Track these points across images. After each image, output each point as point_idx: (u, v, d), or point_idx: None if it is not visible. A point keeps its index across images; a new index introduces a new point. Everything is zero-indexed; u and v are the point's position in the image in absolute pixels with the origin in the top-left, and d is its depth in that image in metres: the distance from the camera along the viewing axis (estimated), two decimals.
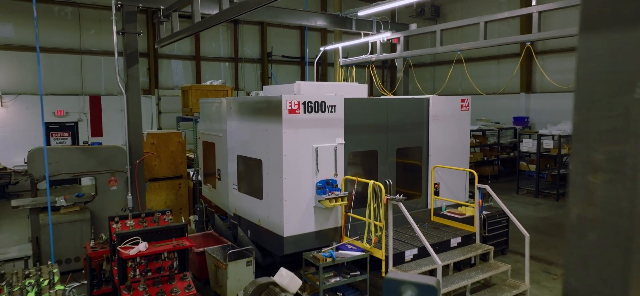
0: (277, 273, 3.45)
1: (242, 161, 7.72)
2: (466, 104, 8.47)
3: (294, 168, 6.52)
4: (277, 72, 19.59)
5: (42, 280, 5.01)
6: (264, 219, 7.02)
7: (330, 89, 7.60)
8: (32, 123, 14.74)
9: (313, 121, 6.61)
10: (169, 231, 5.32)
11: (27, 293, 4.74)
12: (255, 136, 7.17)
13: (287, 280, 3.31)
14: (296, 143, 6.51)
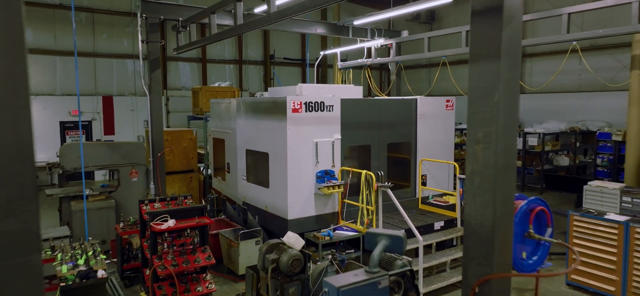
0: (285, 236, 4.48)
1: (251, 154, 8.76)
2: (451, 104, 9.51)
3: (297, 160, 7.56)
4: (279, 74, 20.63)
5: (88, 251, 6.06)
6: (270, 205, 8.05)
7: (329, 90, 8.64)
8: (49, 122, 15.79)
9: (313, 119, 7.65)
10: (192, 211, 6.36)
11: (78, 259, 5.78)
12: (263, 132, 8.21)
13: (293, 239, 4.32)
14: (299, 138, 7.55)
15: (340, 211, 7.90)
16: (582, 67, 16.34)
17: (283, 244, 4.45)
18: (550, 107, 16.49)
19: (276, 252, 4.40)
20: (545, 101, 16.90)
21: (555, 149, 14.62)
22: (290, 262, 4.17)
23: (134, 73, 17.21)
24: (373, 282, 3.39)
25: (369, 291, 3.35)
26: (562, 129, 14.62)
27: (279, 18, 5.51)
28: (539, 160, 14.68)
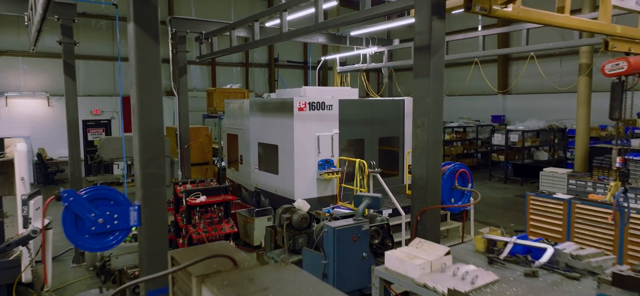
0: (296, 202, 6.07)
1: (262, 147, 10.39)
2: None
3: (302, 150, 9.17)
4: (283, 76, 22.26)
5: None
6: (279, 189, 9.67)
7: (329, 92, 10.25)
8: None
9: (316, 116, 9.26)
10: (218, 190, 7.99)
11: None
12: (273, 128, 9.83)
13: (302, 204, 5.92)
14: (303, 132, 9.15)
15: (338, 194, 9.50)
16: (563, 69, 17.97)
17: (294, 207, 6.06)
18: (533, 107, 18.07)
19: (289, 213, 6.02)
20: (530, 101, 18.49)
21: (535, 145, 16.22)
22: (300, 219, 5.78)
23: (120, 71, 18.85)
24: (358, 226, 5.00)
25: (355, 231, 4.96)
26: (542, 127, 16.21)
27: (289, 37, 7.13)
28: (520, 155, 16.27)
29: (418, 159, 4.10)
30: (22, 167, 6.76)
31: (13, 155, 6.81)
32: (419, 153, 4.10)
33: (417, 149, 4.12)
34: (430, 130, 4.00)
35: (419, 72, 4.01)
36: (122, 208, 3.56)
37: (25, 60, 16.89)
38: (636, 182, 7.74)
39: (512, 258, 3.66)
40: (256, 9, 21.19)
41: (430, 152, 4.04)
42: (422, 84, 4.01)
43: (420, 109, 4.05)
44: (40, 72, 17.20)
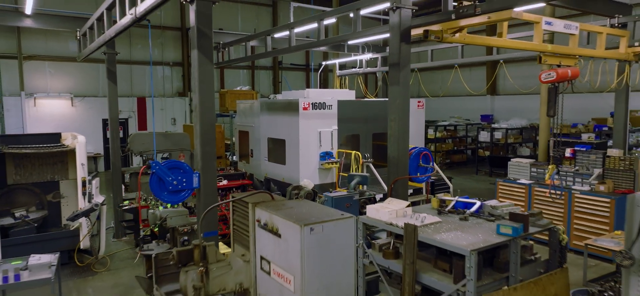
0: (302, 181, 7.78)
1: (271, 141, 12.11)
2: (421, 104, 12.82)
3: (306, 144, 10.87)
4: (287, 77, 23.99)
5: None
6: (286, 177, 11.38)
7: (329, 94, 11.96)
8: (94, 119, 19.17)
9: (317, 114, 10.97)
10: (237, 176, 9.72)
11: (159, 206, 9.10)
12: (281, 124, 11.54)
13: (307, 182, 7.63)
14: (307, 129, 10.86)
15: (337, 181, 11.22)
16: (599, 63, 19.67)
17: (301, 186, 7.79)
18: (518, 107, 19.77)
19: (297, 189, 7.74)
20: (517, 101, 20.20)
21: (518, 142, 17.93)
22: (306, 194, 7.49)
23: (163, 78, 20.60)
24: (350, 196, 6.73)
25: (347, 200, 6.69)
26: (524, 125, 17.92)
27: (296, 49, 8.84)
28: (505, 151, 17.98)
29: (392, 144, 5.82)
30: (82, 155, 8.52)
31: (74, 145, 8.56)
32: (393, 140, 5.81)
33: (391, 136, 5.83)
34: (399, 123, 5.71)
35: (392, 82, 5.73)
36: (188, 174, 5.27)
37: (51, 64, 18.64)
38: (586, 169, 9.45)
39: (454, 210, 5.36)
40: (261, 16, 22.95)
41: (400, 138, 5.75)
42: (394, 90, 5.73)
43: (393, 107, 5.77)
44: (65, 75, 18.94)
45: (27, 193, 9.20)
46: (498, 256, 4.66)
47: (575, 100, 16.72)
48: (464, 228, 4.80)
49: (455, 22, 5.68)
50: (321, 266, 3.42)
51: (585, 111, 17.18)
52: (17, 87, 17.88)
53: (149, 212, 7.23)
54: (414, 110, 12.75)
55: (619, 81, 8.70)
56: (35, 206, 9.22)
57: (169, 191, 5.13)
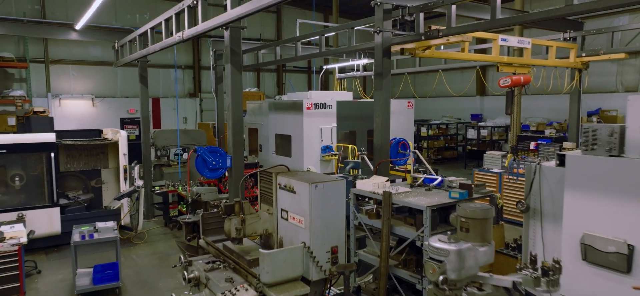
0: (306, 168, 9.61)
1: (279, 136, 13.97)
2: (411, 104, 14.67)
3: (309, 139, 12.73)
4: (290, 79, 25.85)
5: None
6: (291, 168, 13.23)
7: (329, 95, 13.81)
8: (113, 117, 21.03)
9: (319, 113, 12.82)
10: (252, 164, 11.57)
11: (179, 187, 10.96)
12: (287, 122, 13.39)
13: (312, 169, 9.49)
14: (310, 125, 12.71)
15: (336, 171, 13.07)
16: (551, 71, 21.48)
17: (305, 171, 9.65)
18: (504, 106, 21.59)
19: None
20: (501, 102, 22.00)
21: (502, 138, 19.76)
22: None
23: (176, 80, 22.46)
24: (345, 177, 8.57)
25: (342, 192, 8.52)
26: (508, 123, 19.73)
27: (302, 59, 10.71)
28: (491, 147, 19.81)
29: (376, 135, 7.66)
30: (124, 146, 10.38)
31: (117, 138, 10.44)
32: (377, 131, 7.66)
33: (376, 129, 7.68)
34: (382, 119, 7.55)
35: (376, 87, 7.58)
36: (223, 156, 7.10)
37: (74, 67, 20.52)
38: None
39: (423, 184, 7.19)
40: (266, 22, 24.81)
41: (383, 130, 7.59)
42: (378, 94, 7.58)
43: (377, 107, 7.61)
44: (86, 77, 20.83)
45: (75, 179, 11.06)
46: (450, 214, 6.52)
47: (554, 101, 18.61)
48: (426, 195, 6.64)
49: (425, 42, 7.53)
50: (322, 211, 5.25)
51: (564, 111, 18.99)
52: (44, 89, 19.76)
53: (191, 189, 9.10)
54: (404, 109, 14.64)
55: (571, 86, 10.54)
56: (82, 190, 11.09)
57: (209, 169, 6.98)
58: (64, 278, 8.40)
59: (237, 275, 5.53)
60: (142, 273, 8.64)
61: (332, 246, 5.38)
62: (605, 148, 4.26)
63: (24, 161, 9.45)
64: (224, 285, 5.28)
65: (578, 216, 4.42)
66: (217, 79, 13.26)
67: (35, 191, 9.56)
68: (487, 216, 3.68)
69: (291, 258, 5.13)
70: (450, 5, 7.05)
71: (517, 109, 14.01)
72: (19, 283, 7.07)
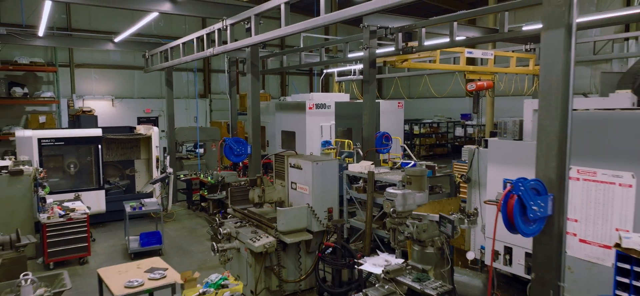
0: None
1: (284, 133, 16.15)
2: (401, 105, 16.84)
3: (311, 134, 14.90)
4: (293, 81, 28.04)
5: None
6: None
7: (328, 97, 15.99)
8: (131, 116, 23.22)
9: (320, 113, 15.00)
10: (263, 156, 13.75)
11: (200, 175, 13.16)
12: (292, 120, 15.57)
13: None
14: (312, 123, 14.88)
15: None
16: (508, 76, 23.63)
17: None
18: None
19: None
20: None
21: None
22: None
23: (188, 82, 24.66)
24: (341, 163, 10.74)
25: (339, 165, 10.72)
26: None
27: (306, 66, 12.88)
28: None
29: (365, 129, 9.83)
30: (156, 139, 12.56)
31: (151, 133, 12.63)
32: (365, 126, 9.83)
33: (364, 124, 9.84)
34: (369, 116, 9.71)
35: (365, 91, 9.75)
36: (245, 145, 9.27)
37: (96, 71, 22.72)
38: None
39: (400, 167, 9.35)
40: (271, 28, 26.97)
41: (370, 125, 9.75)
42: (366, 97, 9.75)
43: (365, 107, 9.78)
44: (107, 80, 23.04)
45: (113, 168, 13.26)
46: None
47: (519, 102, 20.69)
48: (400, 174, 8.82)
49: (403, 56, 9.71)
50: (321, 182, 7.41)
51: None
52: (69, 91, 21.98)
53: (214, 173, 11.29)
54: (394, 109, 16.82)
55: (533, 89, 12.70)
56: (118, 178, 13.29)
57: (234, 155, 9.14)
58: (114, 244, 10.60)
59: (259, 230, 7.71)
60: (176, 241, 10.83)
61: (328, 207, 7.56)
62: (511, 135, 6.43)
63: (77, 151, 11.65)
64: (250, 235, 7.46)
65: (495, 182, 6.59)
66: (231, 82, 15.42)
67: (85, 176, 11.76)
68: (421, 174, 5.83)
69: (299, 214, 7.32)
70: (420, 28, 9.23)
71: (490, 108, 16.17)
72: (86, 244, 9.27)
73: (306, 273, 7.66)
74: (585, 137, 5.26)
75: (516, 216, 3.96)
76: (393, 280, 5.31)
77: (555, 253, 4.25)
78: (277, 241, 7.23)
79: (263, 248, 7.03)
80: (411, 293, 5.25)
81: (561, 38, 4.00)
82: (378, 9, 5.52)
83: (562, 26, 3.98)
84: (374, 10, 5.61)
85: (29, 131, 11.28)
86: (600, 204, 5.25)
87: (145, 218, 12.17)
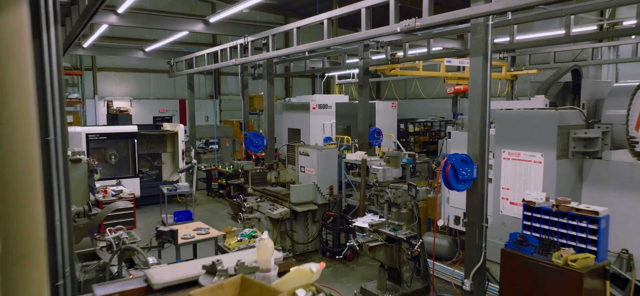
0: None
1: (290, 130, 18.43)
2: (394, 105, 19.12)
3: (314, 131, 17.16)
4: (297, 83, 30.34)
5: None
6: None
7: (329, 98, 18.27)
8: (147, 116, 25.50)
9: (322, 112, 17.28)
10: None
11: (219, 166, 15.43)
12: (297, 119, 17.85)
13: None
14: (315, 121, 17.15)
15: None
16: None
17: None
18: None
19: None
20: None
21: None
22: None
23: (199, 84, 26.94)
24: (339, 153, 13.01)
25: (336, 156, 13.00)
26: None
27: (310, 73, 15.17)
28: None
29: (360, 125, 12.09)
30: (182, 134, 14.84)
31: (177, 130, 14.91)
32: (360, 123, 12.09)
33: (358, 122, 12.11)
34: (363, 115, 11.96)
35: (360, 94, 12.02)
36: (262, 138, 11.53)
37: (116, 74, 25.02)
38: None
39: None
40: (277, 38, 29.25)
41: (364, 123, 12.00)
42: (361, 99, 12.01)
43: (360, 107, 12.04)
44: (126, 82, 25.34)
45: (144, 160, 15.54)
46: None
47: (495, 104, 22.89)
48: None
49: (390, 65, 11.97)
50: (324, 165, 9.67)
51: None
52: (92, 92, 24.29)
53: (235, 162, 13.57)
54: (388, 109, 19.10)
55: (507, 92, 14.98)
56: (148, 168, 15.57)
57: (253, 146, 11.41)
58: (152, 222, 12.88)
59: (275, 203, 9.98)
60: (203, 219, 13.06)
61: (329, 185, 9.83)
62: (466, 128, 8.68)
63: (117, 144, 13.93)
64: (269, 206, 9.74)
65: None
66: (243, 85, 17.70)
67: (124, 166, 14.05)
68: (397, 156, 8.10)
69: (307, 190, 9.59)
70: (405, 42, 11.50)
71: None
72: (133, 218, 11.54)
73: (312, 237, 9.94)
74: (513, 129, 7.53)
75: (451, 177, 6.22)
76: (376, 230, 7.60)
77: (479, 204, 6.50)
78: (290, 211, 9.50)
79: (280, 215, 9.31)
80: (389, 239, 7.53)
81: (480, 62, 6.26)
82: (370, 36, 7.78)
83: (480, 54, 6.23)
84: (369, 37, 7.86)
85: (79, 127, 13.56)
86: (522, 176, 7.51)
87: (173, 202, 14.44)
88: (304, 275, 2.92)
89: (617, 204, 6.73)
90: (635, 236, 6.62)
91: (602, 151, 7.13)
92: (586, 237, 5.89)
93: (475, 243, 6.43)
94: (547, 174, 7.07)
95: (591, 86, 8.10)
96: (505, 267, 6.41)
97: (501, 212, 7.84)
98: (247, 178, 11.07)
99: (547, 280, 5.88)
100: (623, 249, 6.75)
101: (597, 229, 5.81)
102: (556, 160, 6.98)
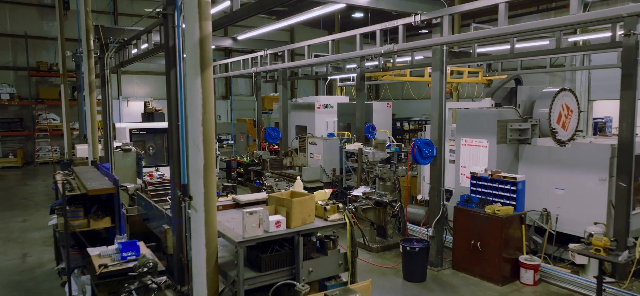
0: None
1: (297, 127, 21.38)
2: (389, 105, 22.06)
3: (319, 128, 20.08)
4: (301, 84, 33.29)
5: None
6: None
7: (332, 99, 21.20)
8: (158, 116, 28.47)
9: (326, 111, 20.21)
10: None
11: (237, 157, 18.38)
12: (304, 117, 20.79)
13: None
14: (320, 120, 20.08)
15: None
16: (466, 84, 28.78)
17: None
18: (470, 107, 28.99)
19: None
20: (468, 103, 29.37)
21: None
22: None
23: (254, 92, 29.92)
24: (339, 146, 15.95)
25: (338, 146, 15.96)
26: None
27: (315, 77, 18.11)
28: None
29: (356, 121, 15.02)
30: None
31: None
32: (357, 120, 15.02)
33: (357, 119, 15.03)
34: (360, 113, 14.88)
35: (358, 95, 14.96)
36: (278, 132, 14.40)
37: (138, 77, 27.99)
38: None
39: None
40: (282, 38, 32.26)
41: (361, 120, 14.92)
42: (358, 100, 14.95)
43: (358, 107, 14.97)
44: (146, 84, 28.31)
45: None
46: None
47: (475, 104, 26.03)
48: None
49: (382, 73, 14.89)
50: (328, 152, 12.60)
51: None
52: (116, 93, 27.27)
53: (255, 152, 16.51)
54: (384, 109, 22.05)
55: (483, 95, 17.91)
56: None
57: (271, 138, 14.33)
58: None
59: (290, 183, 12.91)
60: None
61: (332, 168, 12.77)
62: None
63: (154, 138, 16.87)
64: (285, 185, 12.67)
65: None
66: (257, 87, 20.64)
67: (159, 156, 16.99)
68: (383, 142, 11.03)
69: (315, 171, 12.52)
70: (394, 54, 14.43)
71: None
72: None
73: None
74: (468, 123, 10.47)
75: (417, 155, 9.15)
76: (367, 197, 10.53)
77: (438, 174, 9.41)
78: (303, 187, 12.43)
79: None
80: (377, 204, 10.46)
81: (438, 75, 9.18)
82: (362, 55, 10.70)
83: (438, 70, 9.16)
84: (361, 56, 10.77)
85: (124, 123, 16.47)
86: (474, 158, 10.45)
87: None
88: (321, 194, 5.88)
89: (541, 176, 9.66)
90: (552, 198, 9.53)
91: (531, 139, 10.05)
92: (509, 196, 8.83)
93: (435, 201, 9.33)
94: (491, 155, 9.99)
95: (528, 91, 11.01)
96: (456, 218, 9.34)
97: (461, 184, 10.76)
98: (265, 165, 14.01)
99: (482, 224, 8.80)
100: (544, 208, 9.65)
101: (515, 190, 8.75)
102: (496, 145, 9.89)
